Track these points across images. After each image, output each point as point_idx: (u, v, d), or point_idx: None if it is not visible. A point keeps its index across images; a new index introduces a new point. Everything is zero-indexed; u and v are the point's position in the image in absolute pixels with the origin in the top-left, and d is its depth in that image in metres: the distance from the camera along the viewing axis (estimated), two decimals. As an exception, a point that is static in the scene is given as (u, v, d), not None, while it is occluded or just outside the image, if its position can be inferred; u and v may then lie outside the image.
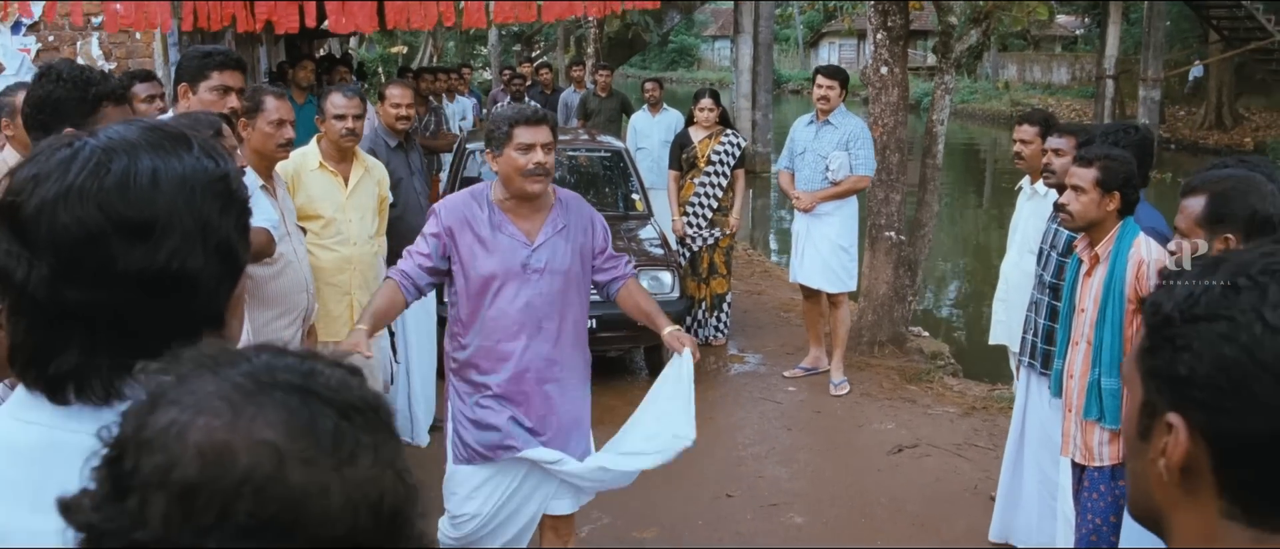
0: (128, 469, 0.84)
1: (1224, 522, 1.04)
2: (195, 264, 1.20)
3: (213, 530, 0.81)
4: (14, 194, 1.18)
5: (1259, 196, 2.80)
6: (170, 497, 0.81)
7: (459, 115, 11.96)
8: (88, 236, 1.15)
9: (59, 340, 1.18)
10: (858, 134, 7.08)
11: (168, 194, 1.18)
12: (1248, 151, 23.53)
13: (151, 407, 0.86)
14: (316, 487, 0.84)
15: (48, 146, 1.23)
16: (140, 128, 1.25)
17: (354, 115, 4.98)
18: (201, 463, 0.82)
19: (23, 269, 1.17)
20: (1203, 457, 1.04)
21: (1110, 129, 4.46)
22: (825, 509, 5.53)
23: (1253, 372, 0.99)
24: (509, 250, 3.79)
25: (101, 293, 1.17)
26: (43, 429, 1.20)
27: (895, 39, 7.78)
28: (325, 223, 4.94)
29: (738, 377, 7.78)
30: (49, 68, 3.05)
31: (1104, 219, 3.81)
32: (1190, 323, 1.04)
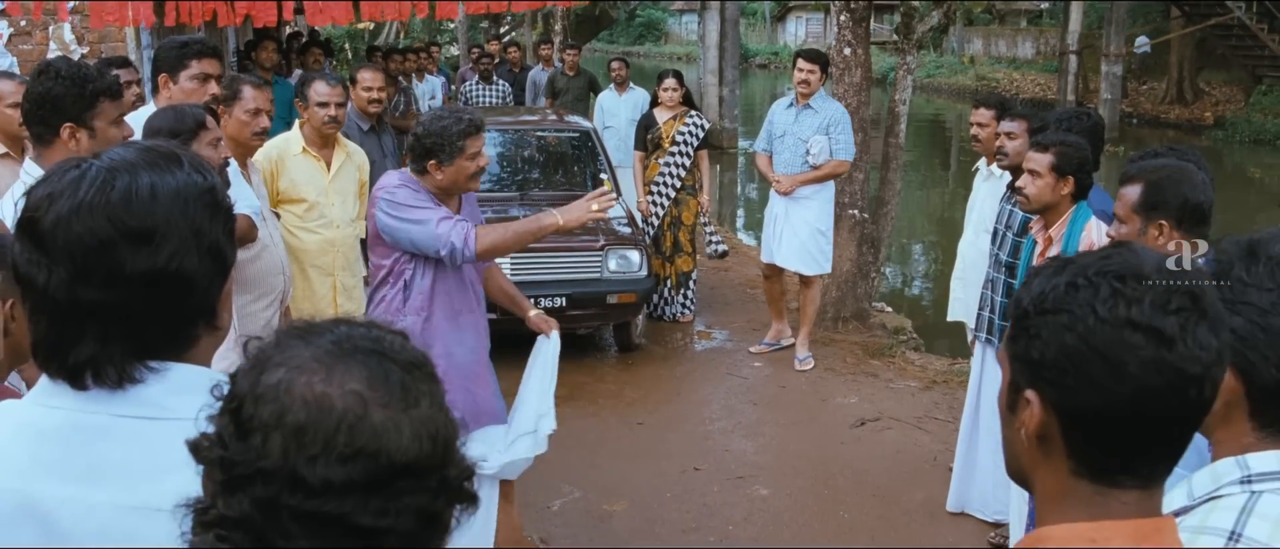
0: (247, 416, 1.08)
1: (1072, 478, 1.27)
2: (191, 265, 1.38)
3: (319, 459, 1.06)
4: (32, 210, 1.34)
5: (1191, 186, 2.97)
6: (286, 434, 1.07)
7: (428, 94, 12.00)
8: (99, 244, 1.32)
9: (76, 334, 1.34)
10: (838, 118, 7.13)
11: (165, 205, 1.36)
12: (1208, 125, 23.90)
13: (260, 369, 1.11)
14: (392, 424, 1.10)
15: (59, 168, 1.39)
16: (138, 149, 1.41)
17: (336, 103, 5.09)
18: (308, 409, 1.08)
19: (43, 274, 1.33)
20: (1053, 426, 1.26)
21: (1064, 115, 4.64)
22: (789, 481, 5.70)
23: (1088, 356, 1.21)
24: None
25: (112, 292, 1.34)
26: (66, 412, 1.35)
27: (858, 20, 7.92)
28: (309, 206, 5.05)
29: (704, 353, 7.95)
30: (47, 65, 3.14)
31: (1058, 202, 3.99)
32: (1041, 315, 1.25)
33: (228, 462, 1.07)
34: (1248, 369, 1.55)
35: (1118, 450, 1.25)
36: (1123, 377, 1.20)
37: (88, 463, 1.33)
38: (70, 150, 3.09)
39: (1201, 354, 1.22)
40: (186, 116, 3.56)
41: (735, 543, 5.05)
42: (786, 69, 42.07)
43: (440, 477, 1.12)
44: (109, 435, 1.34)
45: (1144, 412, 1.22)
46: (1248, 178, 20.41)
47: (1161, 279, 1.23)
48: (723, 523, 5.23)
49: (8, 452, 1.34)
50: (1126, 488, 1.26)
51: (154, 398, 1.36)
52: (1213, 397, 1.27)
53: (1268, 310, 1.56)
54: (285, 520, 1.06)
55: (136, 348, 1.36)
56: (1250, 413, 1.58)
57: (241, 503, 1.06)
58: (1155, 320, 1.20)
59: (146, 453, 1.34)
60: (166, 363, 1.39)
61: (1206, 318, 1.23)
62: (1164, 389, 1.21)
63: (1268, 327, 1.56)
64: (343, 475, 1.06)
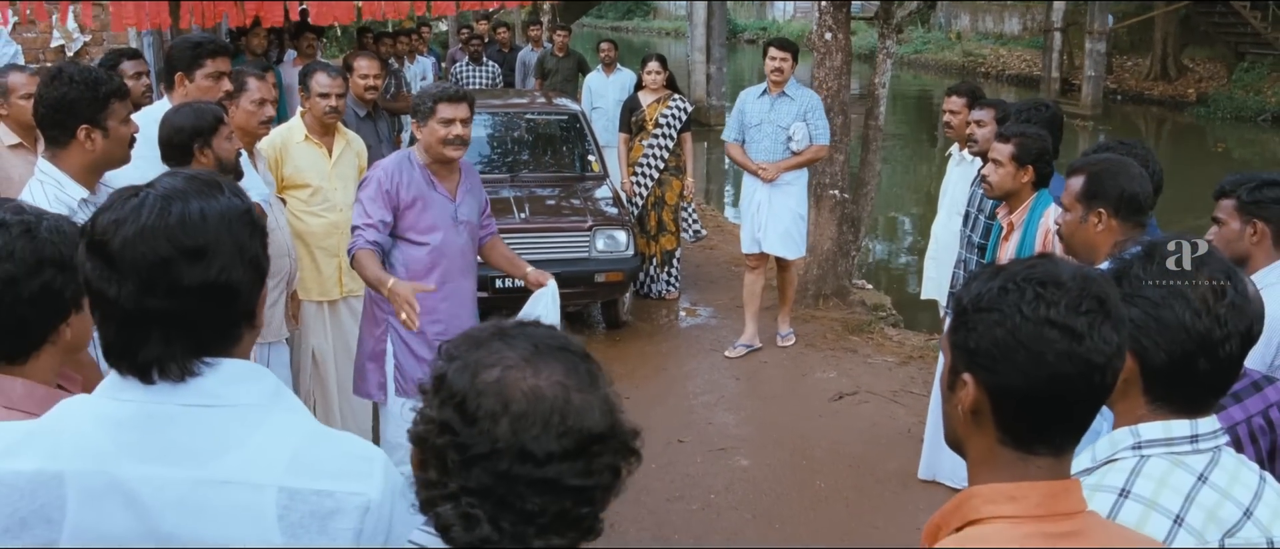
0: (474, 408, 1.37)
1: (998, 446, 1.55)
2: (236, 276, 1.62)
3: (541, 436, 1.36)
4: (101, 234, 1.58)
5: (1128, 179, 3.23)
6: (512, 419, 1.36)
7: (419, 75, 12.18)
8: (161, 262, 1.56)
9: (143, 337, 1.58)
10: (814, 105, 7.26)
11: (213, 226, 1.60)
12: (1191, 102, 24.13)
13: (474, 371, 1.40)
14: (587, 404, 1.40)
15: (119, 196, 1.63)
16: (185, 178, 1.66)
17: (337, 94, 5.34)
18: (527, 399, 1.37)
19: (114, 288, 1.57)
20: (984, 403, 1.53)
21: (1023, 106, 4.89)
22: (769, 452, 5.98)
23: (1014, 347, 1.49)
24: (440, 205, 4.49)
25: (173, 302, 1.57)
26: (137, 404, 1.60)
27: (839, 6, 8.15)
28: (313, 191, 5.30)
29: (689, 329, 8.22)
30: (60, 70, 3.32)
31: (1020, 190, 4.27)
32: (977, 312, 1.53)
33: (462, 445, 1.36)
34: (1142, 353, 1.82)
35: (1036, 424, 1.53)
36: (1041, 365, 1.48)
37: (160, 445, 1.58)
38: (86, 150, 3.30)
39: (1105, 348, 1.49)
40: (205, 114, 3.79)
41: (717, 511, 5.32)
42: (775, 44, 42.24)
43: (620, 440, 1.43)
44: (176, 421, 1.58)
45: (1058, 393, 1.50)
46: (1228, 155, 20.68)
47: (1075, 285, 1.50)
48: (705, 492, 5.51)
49: (92, 440, 1.59)
50: (1042, 455, 1.54)
51: (210, 388, 1.61)
52: (1114, 382, 1.54)
53: (1159, 303, 1.83)
54: (520, 486, 1.36)
55: (194, 347, 1.60)
56: (1144, 390, 1.85)
57: (481, 476, 1.36)
58: (1069, 320, 1.48)
59: (208, 434, 1.59)
60: (218, 358, 1.63)
61: (1110, 318, 1.51)
62: (1074, 376, 1.49)
63: (1159, 317, 1.82)
64: (558, 447, 1.36)
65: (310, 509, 1.56)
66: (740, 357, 7.47)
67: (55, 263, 2.04)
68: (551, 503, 1.37)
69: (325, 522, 1.57)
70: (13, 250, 2.00)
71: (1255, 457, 2.53)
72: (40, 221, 2.07)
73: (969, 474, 1.60)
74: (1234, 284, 1.86)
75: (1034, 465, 1.53)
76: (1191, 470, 1.79)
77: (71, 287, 2.07)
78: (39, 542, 1.56)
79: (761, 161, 7.25)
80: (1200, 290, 1.83)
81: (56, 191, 3.23)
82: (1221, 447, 1.84)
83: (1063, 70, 25.41)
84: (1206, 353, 1.82)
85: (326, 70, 5.45)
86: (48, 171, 3.29)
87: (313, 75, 5.40)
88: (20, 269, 2.00)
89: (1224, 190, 3.29)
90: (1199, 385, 1.84)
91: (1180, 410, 1.84)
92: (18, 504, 1.56)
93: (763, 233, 7.35)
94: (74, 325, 2.14)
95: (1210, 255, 1.91)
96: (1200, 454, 1.81)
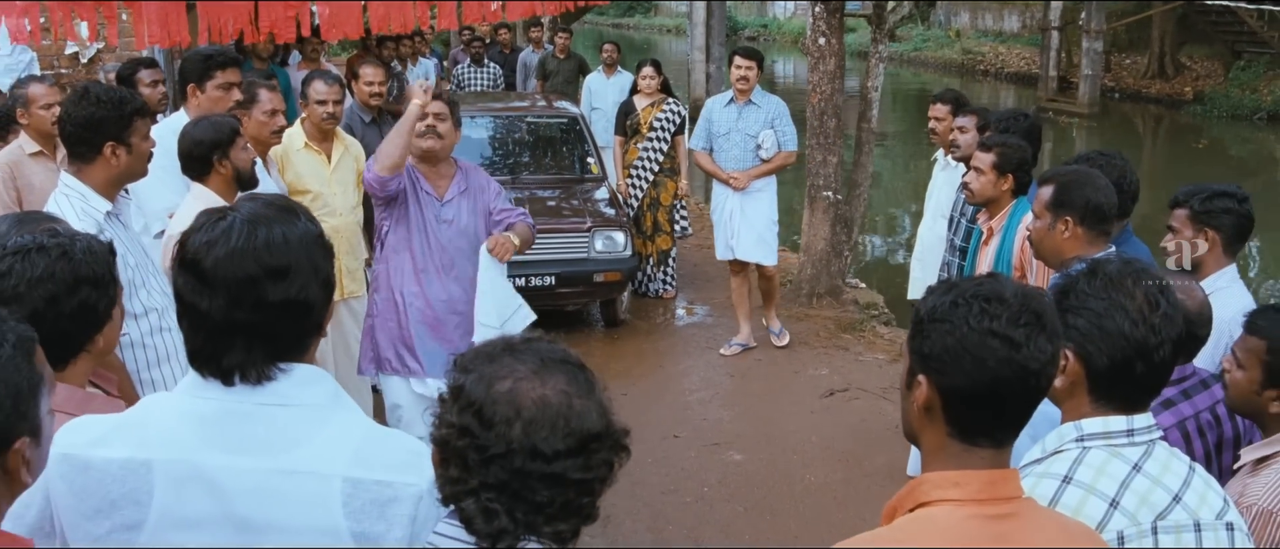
0: (490, 414, 1.60)
1: (947, 438, 1.76)
2: (312, 293, 1.84)
3: (549, 437, 1.59)
4: (194, 254, 1.79)
5: (1094, 190, 3.42)
6: (524, 424, 1.59)
7: (422, 77, 12.36)
8: (248, 280, 1.77)
9: (228, 345, 1.79)
10: (781, 112, 7.37)
11: (294, 249, 1.81)
12: (1187, 100, 24.28)
13: (489, 382, 1.62)
14: (586, 408, 1.63)
15: (208, 218, 1.84)
16: (266, 204, 1.87)
17: (334, 100, 5.53)
18: (536, 407, 1.60)
19: (205, 301, 1.78)
20: (936, 401, 1.74)
21: (1003, 115, 5.08)
22: (762, 447, 6.17)
23: (961, 353, 1.70)
24: (426, 203, 4.70)
25: (256, 315, 1.78)
26: (218, 402, 1.81)
27: (832, 12, 8.33)
28: (313, 197, 5.49)
29: (685, 327, 8.42)
30: (86, 90, 3.50)
31: (999, 197, 4.47)
32: (931, 323, 1.74)
33: (481, 446, 1.59)
34: (1087, 357, 2.03)
35: (978, 420, 1.74)
36: (984, 369, 1.69)
37: (238, 438, 1.79)
38: (110, 165, 3.49)
39: (1040, 356, 1.70)
40: (223, 127, 3.99)
41: (710, 503, 5.52)
42: (776, 41, 42.41)
43: (614, 438, 1.66)
44: (252, 418, 1.79)
45: (998, 393, 1.71)
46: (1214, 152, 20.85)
47: (1016, 301, 1.71)
48: (699, 485, 5.70)
49: (177, 432, 1.80)
50: (983, 447, 1.75)
51: (284, 391, 1.81)
52: (1047, 386, 1.75)
53: (1101, 314, 2.03)
54: (531, 481, 1.58)
55: (271, 354, 1.81)
56: (1089, 390, 2.06)
57: (498, 472, 1.59)
58: (1009, 331, 1.68)
59: (281, 431, 1.80)
60: (292, 364, 1.83)
61: (1045, 331, 1.71)
62: (1012, 379, 1.70)
63: (1101, 326, 2.02)
64: (563, 446, 1.59)
65: (371, 497, 1.78)
66: (735, 354, 7.64)
67: (90, 281, 2.28)
68: (558, 494, 1.60)
69: (384, 508, 1.78)
70: (53, 272, 2.23)
71: (1203, 449, 2.74)
72: (75, 243, 2.29)
73: (922, 463, 1.80)
74: (1166, 297, 2.05)
75: (976, 456, 1.74)
76: (1127, 460, 1.99)
77: (104, 301, 2.31)
78: (128, 522, 1.77)
79: (732, 170, 7.36)
80: (1137, 303, 2.03)
81: (82, 205, 3.42)
82: (1155, 440, 2.04)
83: (1060, 69, 25.56)
84: (1143, 357, 2.02)
85: (324, 78, 5.65)
86: (72, 185, 3.47)
87: (310, 84, 5.61)
88: (60, 289, 2.23)
89: (1178, 200, 3.48)
90: (1136, 386, 2.04)
91: (1119, 408, 2.04)
92: (109, 488, 1.78)
93: (736, 240, 7.46)
94: (106, 334, 2.37)
95: (1147, 272, 2.10)
96: (1135, 446, 2.01)
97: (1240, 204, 3.42)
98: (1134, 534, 1.93)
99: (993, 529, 1.68)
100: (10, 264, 2.23)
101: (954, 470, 1.74)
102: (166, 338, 3.48)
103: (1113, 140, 22.33)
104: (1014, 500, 1.74)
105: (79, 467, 1.79)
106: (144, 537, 1.78)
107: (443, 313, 4.74)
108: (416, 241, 4.70)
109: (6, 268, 2.23)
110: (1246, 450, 2.59)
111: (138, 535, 1.78)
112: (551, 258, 7.55)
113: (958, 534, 1.68)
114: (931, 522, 1.71)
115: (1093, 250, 3.47)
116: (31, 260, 2.23)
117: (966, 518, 1.69)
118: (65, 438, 1.83)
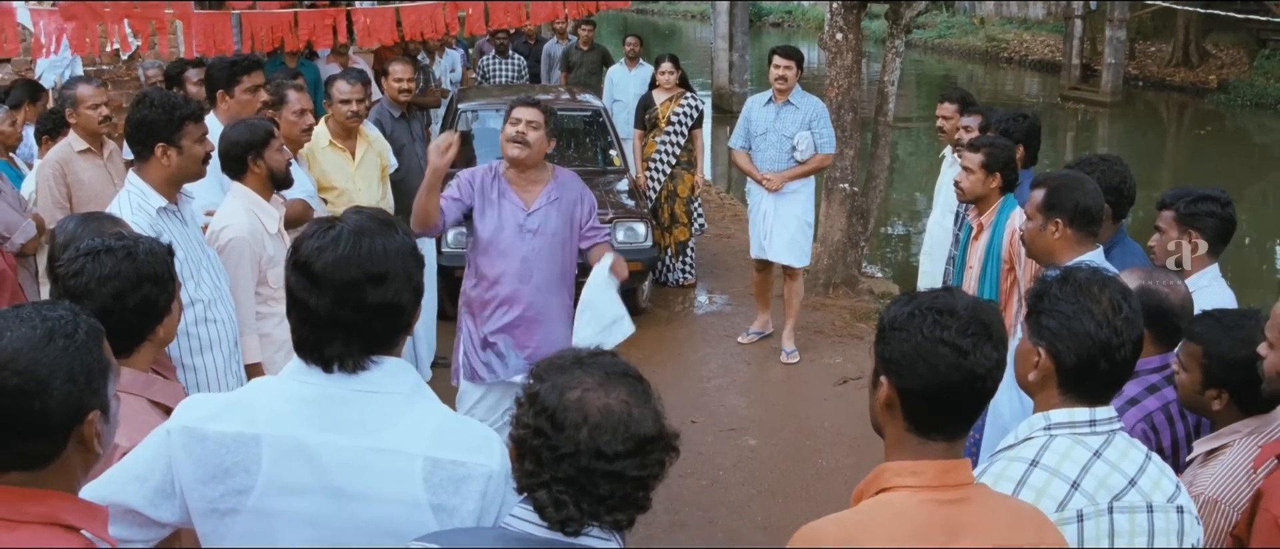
0: (561, 419, 1.80)
1: (906, 432, 1.99)
2: (405, 298, 2.11)
3: (610, 441, 1.79)
4: (306, 257, 2.06)
5: (1083, 194, 3.63)
6: (590, 428, 1.79)
7: (448, 68, 12.61)
8: (352, 282, 2.03)
9: (329, 338, 2.06)
10: (819, 113, 7.32)
11: (393, 257, 2.08)
12: (1211, 89, 24.24)
13: (562, 391, 1.82)
14: (644, 416, 1.83)
15: (319, 227, 2.10)
16: (369, 217, 2.13)
17: (357, 100, 5.78)
18: (602, 414, 1.80)
19: (313, 299, 2.05)
20: (895, 399, 1.98)
21: (1004, 116, 5.27)
22: (776, 432, 6.41)
23: (916, 359, 1.93)
24: (509, 213, 4.73)
25: (357, 314, 2.05)
26: (319, 387, 2.08)
27: (849, 9, 8.52)
28: (339, 193, 5.75)
29: (704, 316, 8.65)
30: (144, 96, 3.78)
31: (988, 195, 4.67)
32: (892, 331, 1.98)
33: (553, 446, 1.80)
34: (1057, 354, 2.25)
35: (932, 417, 1.97)
36: (936, 373, 1.92)
37: (336, 419, 2.05)
38: (162, 165, 3.76)
39: (985, 362, 1.93)
40: (258, 129, 4.24)
41: (724, 486, 5.76)
42: (800, 27, 42.38)
43: (665, 441, 1.87)
44: (348, 402, 2.06)
45: (949, 395, 1.94)
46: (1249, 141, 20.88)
47: (966, 313, 1.94)
48: (714, 469, 5.94)
49: (282, 411, 2.07)
50: (937, 440, 1.98)
51: (375, 380, 2.08)
52: (994, 388, 1.98)
53: (1070, 317, 2.25)
54: (595, 477, 1.79)
55: (366, 348, 2.07)
56: (1058, 383, 2.28)
57: (567, 468, 1.79)
58: (958, 340, 1.92)
59: (373, 414, 2.06)
60: (383, 357, 2.10)
61: (991, 340, 1.95)
62: (960, 382, 1.93)
63: (1070, 328, 2.24)
64: (623, 448, 1.79)
65: (448, 474, 2.04)
66: (751, 342, 7.84)
67: (151, 279, 2.60)
68: (618, 489, 1.80)
69: (459, 484, 2.04)
70: (119, 270, 2.55)
71: (1171, 438, 2.96)
72: (138, 245, 2.61)
73: (885, 453, 2.04)
74: (1129, 303, 2.27)
75: (932, 448, 1.97)
76: (1089, 448, 2.22)
77: (164, 296, 2.62)
78: (238, 487, 2.04)
79: (766, 171, 7.37)
80: (1103, 307, 2.25)
81: (140, 200, 3.69)
82: (1116, 430, 2.27)
83: (1084, 56, 25.54)
84: (1106, 356, 2.24)
85: (347, 78, 5.90)
86: (134, 183, 3.75)
87: (334, 84, 5.86)
88: (125, 285, 2.55)
89: (1165, 202, 3.68)
90: (1100, 381, 2.26)
91: (1084, 401, 2.26)
92: (222, 457, 2.04)
93: (768, 241, 7.49)
94: (166, 325, 2.67)
95: (1112, 280, 2.32)
96: (1097, 435, 2.23)
97: (1223, 207, 3.62)
98: (1092, 512, 2.15)
99: (944, 512, 1.92)
100: (82, 264, 2.54)
101: (911, 460, 1.98)
102: (211, 328, 3.72)
103: (1134, 129, 22.38)
104: (965, 487, 1.97)
105: (197, 438, 2.06)
106: (252, 500, 2.05)
107: (523, 316, 4.79)
108: (494, 250, 4.73)
109: (79, 267, 2.54)
110: (1198, 443, 2.82)
111: (246, 499, 2.05)
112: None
113: (913, 516, 1.92)
114: (891, 505, 1.94)
115: (1081, 250, 3.69)
116: (100, 261, 2.54)
117: (921, 502, 1.93)
118: (184, 413, 2.11)
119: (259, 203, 4.22)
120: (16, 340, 1.73)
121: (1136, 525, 2.18)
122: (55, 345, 1.75)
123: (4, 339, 1.73)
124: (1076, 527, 2.14)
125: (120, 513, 2.08)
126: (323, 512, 2.04)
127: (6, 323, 1.77)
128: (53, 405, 1.73)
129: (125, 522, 2.09)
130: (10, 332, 1.75)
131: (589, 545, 1.83)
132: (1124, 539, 2.18)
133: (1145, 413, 2.94)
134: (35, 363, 1.72)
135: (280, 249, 4.21)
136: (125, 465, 2.13)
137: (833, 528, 1.94)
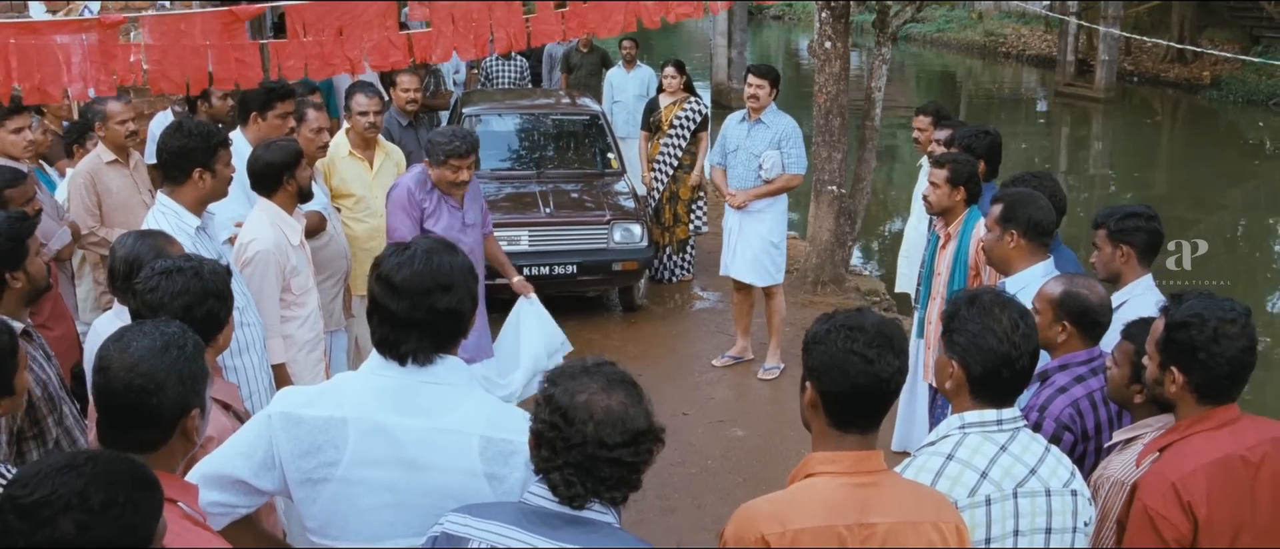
0: (572, 416, 2.17)
1: (827, 427, 2.41)
2: (466, 306, 2.57)
3: (611, 434, 2.16)
4: (387, 272, 2.51)
5: (1036, 209, 4.10)
6: (596, 424, 2.16)
7: (453, 69, 12.99)
8: (424, 291, 2.49)
9: (405, 337, 2.51)
10: (789, 133, 7.21)
11: (457, 271, 2.54)
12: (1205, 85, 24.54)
13: (572, 394, 2.19)
14: (638, 414, 2.20)
15: (397, 249, 2.58)
16: (437, 241, 2.59)
17: (375, 111, 6.19)
18: (605, 412, 2.17)
19: (393, 305, 2.50)
20: (818, 400, 2.40)
21: (967, 132, 5.68)
22: (762, 423, 6.81)
23: (831, 367, 2.35)
24: (451, 214, 5.48)
25: (428, 317, 2.50)
26: (395, 378, 2.54)
27: (838, 17, 8.90)
28: (357, 200, 6.15)
29: (698, 312, 9.05)
30: (180, 125, 4.17)
31: (953, 206, 5.08)
32: (814, 344, 2.40)
33: (564, 437, 2.17)
34: (966, 366, 2.65)
35: (847, 415, 2.39)
36: (848, 379, 2.34)
37: (408, 405, 2.50)
38: (198, 187, 4.15)
39: (888, 369, 2.34)
40: (289, 151, 4.64)
41: (712, 474, 6.17)
42: (800, 21, 42.61)
43: (655, 434, 2.23)
44: (419, 391, 2.51)
45: (859, 396, 2.35)
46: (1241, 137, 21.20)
47: (873, 328, 2.35)
48: (703, 458, 6.36)
49: (365, 398, 2.52)
50: (853, 433, 2.40)
51: (440, 373, 2.52)
52: (897, 391, 2.40)
53: (977, 334, 2.64)
54: (599, 463, 2.16)
55: (434, 346, 2.51)
56: (969, 390, 2.68)
57: (576, 456, 2.17)
58: (866, 351, 2.33)
59: (439, 401, 2.50)
60: (445, 354, 2.55)
61: (893, 350, 2.36)
62: (868, 386, 2.34)
63: (977, 343, 2.64)
64: (622, 440, 2.17)
65: (499, 450, 2.46)
66: (726, 366, 7.76)
67: (214, 295, 3.07)
68: (616, 472, 2.17)
69: (507, 458, 2.47)
70: (188, 287, 3.02)
71: (1094, 422, 3.35)
72: (203, 265, 3.08)
73: (812, 444, 2.45)
74: (1025, 321, 2.68)
75: (849, 440, 2.40)
76: (996, 443, 2.62)
77: (224, 309, 3.07)
78: (329, 460, 2.49)
79: (732, 189, 7.37)
80: (1004, 326, 2.65)
81: (176, 221, 4.07)
82: (1020, 428, 2.67)
83: (1079, 52, 25.82)
84: (1008, 366, 2.64)
85: (365, 91, 6.31)
86: (167, 204, 4.13)
87: (353, 97, 6.27)
88: (193, 300, 3.02)
89: (1098, 222, 4.09)
90: (1004, 387, 2.67)
91: (992, 403, 2.67)
92: (316, 436, 2.49)
93: (732, 258, 7.52)
94: (224, 333, 3.13)
95: (1012, 302, 2.71)
96: (1003, 432, 2.64)
97: (1149, 221, 4.01)
98: (998, 497, 2.55)
99: (858, 494, 2.34)
100: (158, 281, 3.02)
101: (832, 451, 2.40)
102: (245, 332, 4.09)
103: (1128, 124, 22.71)
104: (877, 473, 2.39)
105: (294, 421, 2.51)
106: (340, 470, 2.49)
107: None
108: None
109: (155, 284, 3.02)
110: (1117, 433, 3.21)
111: (335, 470, 2.49)
112: (573, 248, 8.19)
113: (831, 497, 2.34)
114: (814, 487, 2.37)
115: (1034, 259, 4.14)
116: (173, 279, 3.02)
117: (839, 485, 2.36)
118: (283, 400, 2.55)
119: (283, 217, 4.60)
120: (140, 349, 2.22)
121: (1037, 507, 2.58)
122: (170, 354, 2.24)
123: (131, 349, 2.22)
124: (985, 510, 2.54)
125: (230, 483, 2.53)
126: (398, 480, 2.48)
127: (132, 336, 2.26)
128: (166, 402, 2.22)
129: (234, 490, 2.54)
130: (135, 343, 2.23)
131: (591, 517, 2.22)
132: (1027, 520, 2.58)
133: (1072, 400, 3.34)
134: (155, 368, 2.21)
135: (302, 259, 4.63)
136: (233, 444, 2.57)
137: (765, 506, 2.36)
